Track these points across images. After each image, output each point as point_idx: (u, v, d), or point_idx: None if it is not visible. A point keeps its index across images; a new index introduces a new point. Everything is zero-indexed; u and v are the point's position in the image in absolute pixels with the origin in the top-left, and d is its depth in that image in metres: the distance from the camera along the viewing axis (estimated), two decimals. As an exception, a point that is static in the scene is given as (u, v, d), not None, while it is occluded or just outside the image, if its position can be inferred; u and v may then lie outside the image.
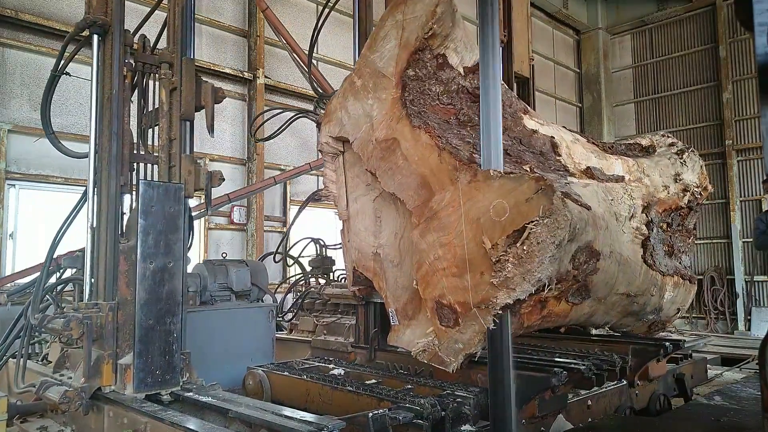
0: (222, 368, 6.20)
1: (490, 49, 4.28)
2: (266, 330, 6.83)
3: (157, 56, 5.12)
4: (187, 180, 4.96)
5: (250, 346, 6.71)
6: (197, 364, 5.64)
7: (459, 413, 4.50)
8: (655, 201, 6.14)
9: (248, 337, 6.71)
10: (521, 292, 4.25)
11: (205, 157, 15.05)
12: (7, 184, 11.95)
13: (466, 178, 4.43)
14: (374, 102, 5.06)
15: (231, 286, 6.81)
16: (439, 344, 4.71)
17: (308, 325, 7.20)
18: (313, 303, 7.42)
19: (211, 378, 5.27)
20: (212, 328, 6.42)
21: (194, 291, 6.45)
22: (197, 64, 14.51)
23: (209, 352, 6.32)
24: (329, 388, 5.03)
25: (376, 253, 5.37)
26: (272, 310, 6.90)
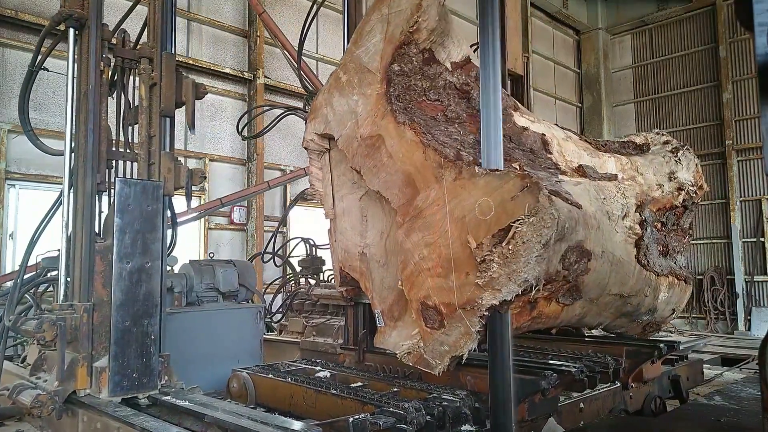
0: (208, 370, 6.04)
1: (491, 49, 4.21)
2: (254, 331, 6.66)
3: (137, 51, 4.94)
4: (167, 178, 4.80)
5: (238, 347, 6.54)
6: (182, 367, 5.49)
7: (459, 413, 4.43)
8: (648, 200, 5.98)
9: (235, 338, 6.54)
10: (507, 292, 4.10)
11: (206, 157, 14.96)
12: (7, 184, 11.85)
13: (451, 175, 4.28)
14: (359, 98, 4.91)
15: (218, 286, 6.64)
16: (424, 346, 4.55)
17: (297, 327, 7.04)
18: (303, 304, 7.25)
19: (198, 380, 5.12)
20: (198, 329, 6.26)
21: (179, 291, 6.29)
22: (198, 63, 14.70)
23: (195, 353, 6.16)
24: (313, 391, 4.87)
25: (363, 253, 5.21)
26: (260, 311, 6.74)
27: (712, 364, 13.07)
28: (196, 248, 14.86)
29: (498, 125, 4.20)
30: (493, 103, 4.17)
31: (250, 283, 6.99)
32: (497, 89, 4.22)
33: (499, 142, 4.21)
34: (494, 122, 4.17)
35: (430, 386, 4.92)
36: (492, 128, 4.17)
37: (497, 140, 4.19)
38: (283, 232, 15.79)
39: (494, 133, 4.18)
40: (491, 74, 4.19)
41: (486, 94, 4.19)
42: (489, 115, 4.17)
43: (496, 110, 4.18)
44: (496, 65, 4.21)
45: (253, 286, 7.04)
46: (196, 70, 14.92)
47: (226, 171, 15.67)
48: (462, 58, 5.23)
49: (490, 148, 4.18)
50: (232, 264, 6.89)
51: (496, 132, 4.19)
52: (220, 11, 15.78)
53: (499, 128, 4.22)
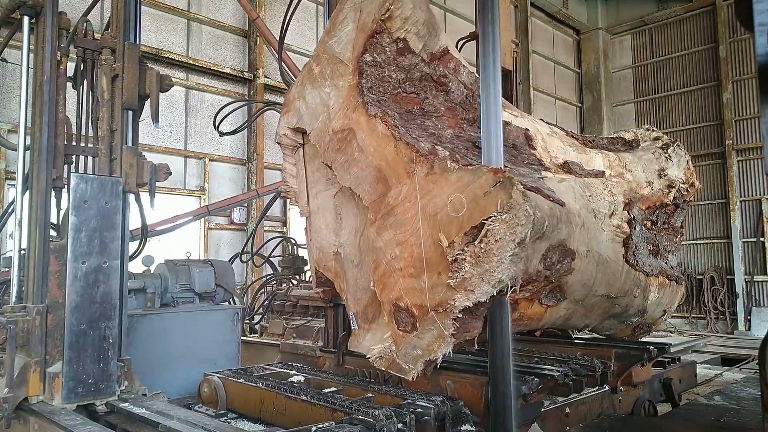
0: (183, 374, 5.77)
1: (491, 49, 4.08)
2: (231, 333, 6.39)
3: (99, 42, 4.67)
4: (129, 174, 4.54)
5: (214, 350, 6.26)
6: (155, 370, 5.26)
7: (459, 413, 4.26)
8: (637, 197, 5.70)
9: (212, 341, 6.27)
10: (480, 294, 3.82)
11: (206, 157, 14.80)
12: (7, 184, 11.64)
13: (422, 170, 4.01)
14: (331, 90, 4.64)
15: (194, 287, 6.37)
16: (396, 350, 4.29)
17: (278, 329, 6.76)
18: (283, 305, 6.98)
19: (172, 385, 4.90)
20: (172, 331, 5.99)
21: (152, 292, 6.02)
22: (198, 63, 14.46)
23: (169, 356, 5.91)
24: (283, 397, 4.61)
25: (337, 253, 4.94)
26: (237, 313, 6.46)
27: (712, 364, 12.91)
28: (197, 248, 14.65)
29: (498, 125, 4.05)
30: (493, 102, 4.04)
31: (229, 283, 6.71)
32: (497, 89, 4.09)
33: (499, 142, 4.05)
34: (494, 122, 4.02)
35: (406, 392, 4.65)
36: (492, 128, 4.02)
37: (497, 140, 4.03)
38: (283, 233, 15.57)
39: (494, 133, 4.02)
40: (491, 74, 4.07)
41: (486, 94, 4.06)
42: (489, 115, 4.03)
43: (496, 110, 4.04)
44: (496, 65, 4.09)
45: (231, 287, 6.76)
46: (196, 69, 14.77)
47: (226, 171, 15.48)
48: (440, 49, 4.95)
49: (490, 149, 4.01)
50: (209, 264, 6.62)
51: (496, 132, 4.03)
52: (220, 11, 15.58)
53: (499, 128, 4.07)
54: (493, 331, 4.00)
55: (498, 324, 4.00)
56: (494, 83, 4.06)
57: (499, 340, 3.98)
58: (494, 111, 4.02)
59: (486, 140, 4.01)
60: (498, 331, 4.00)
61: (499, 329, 4.00)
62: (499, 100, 4.10)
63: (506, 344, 3.98)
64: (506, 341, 3.98)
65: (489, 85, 4.05)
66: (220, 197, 14.39)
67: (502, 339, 3.98)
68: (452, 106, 4.94)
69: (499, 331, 3.99)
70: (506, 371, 3.98)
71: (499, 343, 3.98)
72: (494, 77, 4.07)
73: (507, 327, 4.01)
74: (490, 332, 4.02)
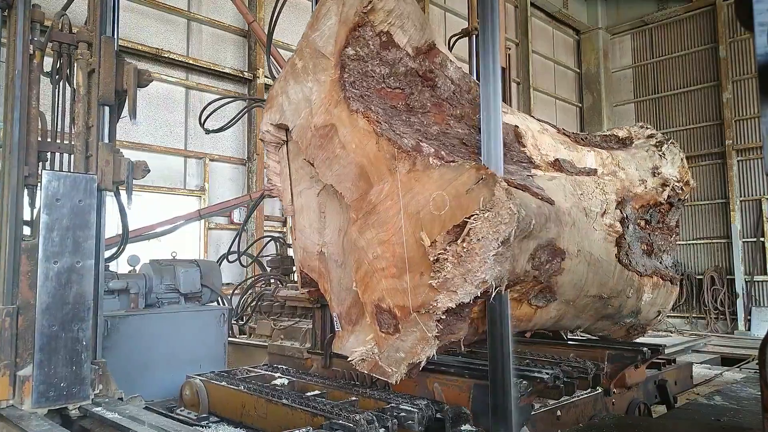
0: (166, 376, 5.61)
1: (491, 49, 4.07)
2: (217, 335, 6.23)
3: (75, 36, 4.50)
4: (105, 171, 4.38)
5: (199, 352, 6.10)
6: (138, 373, 5.11)
7: (459, 413, 4.19)
8: (630, 196, 5.54)
9: (197, 342, 6.11)
10: (464, 294, 3.67)
11: (206, 157, 14.65)
12: (8, 184, 11.43)
13: (405, 167, 3.86)
14: (313, 85, 4.48)
15: (178, 287, 6.20)
16: (379, 353, 4.12)
17: (266, 330, 6.60)
18: (271, 306, 6.81)
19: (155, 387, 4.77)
20: (156, 332, 5.83)
21: (136, 293, 5.85)
22: (198, 63, 14.30)
23: (152, 358, 5.75)
24: (264, 400, 4.46)
25: (321, 252, 4.78)
26: (224, 314, 6.30)
27: (712, 364, 13.14)
28: (196, 248, 14.51)
29: (498, 125, 4.02)
30: (493, 103, 4.03)
31: (215, 283, 6.54)
32: (497, 89, 4.06)
33: (499, 142, 4.01)
34: (494, 122, 4.01)
35: (391, 395, 4.49)
36: (492, 128, 4.00)
37: (497, 141, 4.01)
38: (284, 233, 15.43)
39: (494, 134, 4.00)
40: (491, 74, 4.05)
41: (486, 94, 4.05)
42: (489, 115, 4.01)
43: (496, 110, 4.03)
44: (496, 65, 4.07)
45: (218, 287, 6.60)
46: (196, 69, 14.63)
47: (226, 171, 15.33)
48: (426, 44, 4.79)
49: (490, 149, 3.99)
50: (194, 264, 6.45)
51: (496, 132, 4.01)
52: (220, 11, 15.43)
53: (499, 128, 4.04)
54: (494, 331, 3.94)
55: (498, 324, 3.93)
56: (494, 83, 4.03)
57: (499, 340, 3.91)
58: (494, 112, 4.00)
59: (486, 141, 3.97)
60: (498, 332, 3.93)
61: (499, 329, 3.93)
62: (499, 100, 4.06)
63: (506, 344, 3.91)
64: (506, 341, 3.91)
65: (489, 85, 4.03)
66: (220, 197, 14.28)
67: (503, 339, 3.91)
68: (439, 102, 4.78)
69: (499, 331, 3.92)
70: (506, 371, 3.92)
71: (500, 343, 3.91)
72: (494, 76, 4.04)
73: (507, 327, 3.93)
74: (490, 332, 3.95)
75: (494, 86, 4.01)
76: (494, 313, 3.95)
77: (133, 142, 12.90)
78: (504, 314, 3.94)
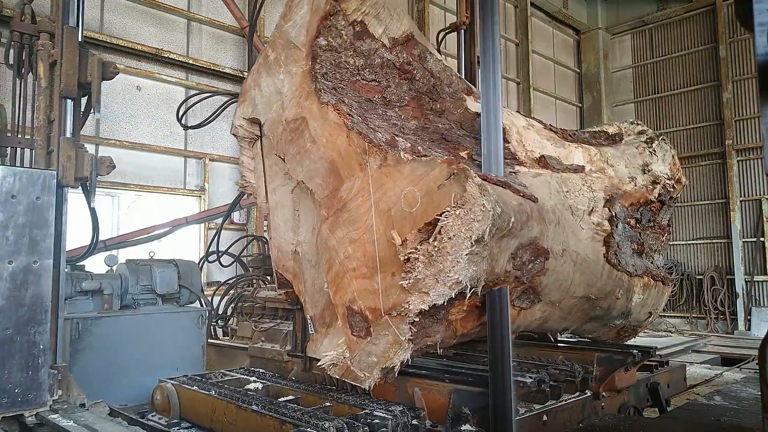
0: (141, 380, 5.36)
1: (491, 49, 3.99)
2: (195, 337, 5.99)
3: (37, 26, 4.28)
4: (66, 166, 4.15)
5: (177, 354, 5.87)
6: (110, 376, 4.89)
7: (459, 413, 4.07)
8: (619, 194, 5.31)
9: (174, 344, 5.87)
10: (436, 296, 3.45)
11: (205, 157, 14.42)
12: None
13: (375, 162, 3.64)
14: (285, 77, 4.26)
15: (155, 288, 5.97)
16: (350, 357, 3.90)
17: (247, 331, 6.37)
18: (253, 307, 6.59)
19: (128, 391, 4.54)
20: (131, 334, 5.60)
21: (110, 293, 5.62)
22: (197, 63, 14.10)
23: (126, 361, 5.53)
24: (234, 406, 4.24)
25: (296, 252, 4.56)
26: (202, 315, 6.07)
27: (712, 364, 12.96)
28: (196, 248, 14.30)
29: (498, 125, 3.96)
30: (493, 103, 3.97)
31: (194, 284, 6.31)
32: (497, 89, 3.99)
33: (499, 142, 3.94)
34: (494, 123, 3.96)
35: (366, 401, 4.27)
36: (492, 128, 3.94)
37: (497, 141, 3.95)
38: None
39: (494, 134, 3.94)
40: (491, 73, 3.96)
41: (486, 94, 3.98)
42: (489, 114, 3.96)
43: (496, 110, 3.96)
44: (496, 64, 3.99)
45: (197, 288, 6.36)
46: (196, 69, 14.43)
47: (226, 171, 15.09)
48: (403, 35, 4.56)
49: (490, 149, 3.95)
50: (172, 264, 6.21)
51: (496, 132, 3.95)
52: (220, 11, 15.22)
53: (499, 128, 3.97)
54: (493, 331, 3.88)
55: (498, 324, 3.88)
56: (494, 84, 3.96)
57: (499, 340, 3.86)
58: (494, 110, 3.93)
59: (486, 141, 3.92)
60: (498, 332, 3.87)
61: (499, 329, 3.87)
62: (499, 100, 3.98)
63: (506, 344, 3.85)
64: (506, 341, 3.85)
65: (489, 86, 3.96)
66: (220, 197, 14.08)
67: (503, 339, 3.85)
68: (418, 96, 4.56)
69: (498, 331, 3.87)
70: (506, 372, 3.85)
71: (499, 344, 3.86)
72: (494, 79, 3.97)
73: (507, 327, 3.88)
74: (490, 332, 3.89)
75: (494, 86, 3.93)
76: (494, 313, 3.88)
77: (133, 142, 12.71)
78: (504, 315, 3.88)
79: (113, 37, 12.42)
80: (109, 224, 12.48)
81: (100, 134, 12.32)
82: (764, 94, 2.33)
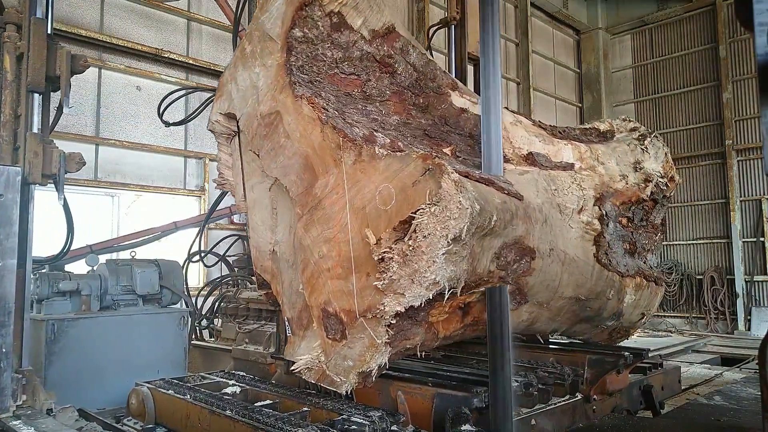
0: (120, 383, 5.17)
1: (491, 49, 3.92)
2: (176, 338, 5.80)
3: (3, 17, 4.10)
4: (33, 163, 3.98)
5: (158, 356, 5.68)
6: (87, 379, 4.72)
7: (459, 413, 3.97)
8: (610, 192, 5.13)
9: (155, 346, 5.69)
10: (413, 297, 3.27)
11: (206, 157, 14.30)
12: None
13: (350, 157, 3.46)
14: (261, 70, 4.09)
15: (135, 288, 5.78)
16: (326, 361, 3.71)
17: (231, 333, 6.19)
18: (237, 308, 6.40)
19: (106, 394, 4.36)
20: (110, 336, 5.42)
21: (88, 294, 5.44)
22: (197, 63, 13.93)
23: (104, 364, 5.35)
24: (207, 411, 4.05)
25: (273, 251, 4.37)
26: (184, 316, 5.88)
27: (712, 364, 12.97)
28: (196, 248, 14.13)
29: (498, 125, 3.87)
30: (492, 103, 3.90)
31: (176, 284, 6.12)
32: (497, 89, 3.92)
33: (499, 142, 3.85)
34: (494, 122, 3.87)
35: (344, 406, 4.08)
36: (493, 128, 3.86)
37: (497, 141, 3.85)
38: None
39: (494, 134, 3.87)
40: (491, 73, 3.91)
41: (486, 94, 3.92)
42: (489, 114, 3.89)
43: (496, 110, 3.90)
44: (496, 63, 3.93)
45: (179, 288, 6.17)
46: (196, 69, 14.32)
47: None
48: (384, 27, 4.37)
49: (490, 149, 3.88)
50: (153, 264, 6.02)
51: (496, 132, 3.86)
52: (220, 11, 15.01)
53: (499, 128, 3.87)
54: (494, 331, 3.76)
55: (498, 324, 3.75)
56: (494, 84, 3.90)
57: (499, 340, 3.74)
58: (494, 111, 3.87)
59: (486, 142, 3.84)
60: (498, 332, 3.75)
61: (499, 329, 3.75)
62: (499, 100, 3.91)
63: (506, 344, 3.74)
64: (506, 341, 3.74)
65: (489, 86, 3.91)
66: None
67: (503, 339, 3.74)
68: (400, 91, 4.38)
69: (499, 331, 3.74)
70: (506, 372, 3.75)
71: (500, 344, 3.74)
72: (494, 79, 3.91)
73: (507, 327, 3.76)
74: (490, 332, 3.77)
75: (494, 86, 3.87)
76: (494, 313, 3.77)
77: (133, 142, 12.58)
78: (504, 313, 3.75)
79: (113, 37, 12.29)
80: (109, 224, 12.37)
81: (100, 134, 12.18)
82: (764, 94, 2.29)
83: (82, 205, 11.90)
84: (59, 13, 11.74)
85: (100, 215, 12.25)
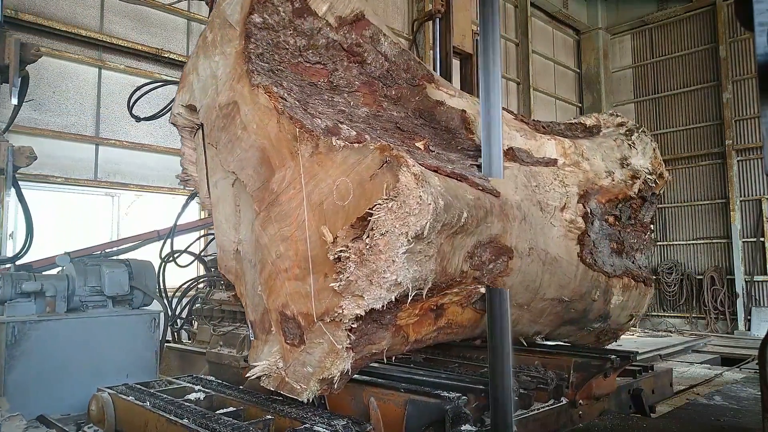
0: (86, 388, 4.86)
1: (491, 48, 3.87)
2: (147, 341, 5.52)
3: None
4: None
5: (127, 360, 5.40)
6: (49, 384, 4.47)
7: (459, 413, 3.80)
8: (595, 189, 4.85)
9: (124, 349, 5.40)
10: (372, 299, 3.00)
11: (205, 158, 13.95)
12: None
13: (307, 150, 3.18)
14: (220, 58, 3.83)
15: (104, 289, 5.50)
16: (284, 367, 3.44)
17: (206, 335, 5.91)
18: (212, 309, 6.12)
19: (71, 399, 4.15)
20: (76, 339, 5.14)
21: (53, 296, 5.16)
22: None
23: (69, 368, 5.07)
24: (165, 420, 3.78)
25: (237, 251, 4.10)
26: (155, 318, 5.61)
27: (712, 364, 12.88)
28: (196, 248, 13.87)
29: (498, 125, 3.81)
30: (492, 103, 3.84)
31: (148, 285, 5.84)
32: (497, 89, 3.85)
33: (499, 142, 3.79)
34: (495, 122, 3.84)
35: (309, 413, 3.79)
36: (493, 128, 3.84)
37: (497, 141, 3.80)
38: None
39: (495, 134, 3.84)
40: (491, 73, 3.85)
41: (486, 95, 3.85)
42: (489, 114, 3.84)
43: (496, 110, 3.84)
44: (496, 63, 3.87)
45: (151, 289, 5.89)
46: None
47: (223, 171, 14.69)
48: (352, 14, 4.10)
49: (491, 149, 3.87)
50: (123, 264, 5.74)
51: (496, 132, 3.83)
52: (219, 11, 14.85)
53: (499, 128, 3.81)
54: (493, 331, 3.69)
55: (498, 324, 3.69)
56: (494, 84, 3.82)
57: (499, 341, 3.67)
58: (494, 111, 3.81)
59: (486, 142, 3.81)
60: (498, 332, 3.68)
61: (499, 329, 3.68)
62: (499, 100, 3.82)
63: (506, 345, 3.66)
64: (506, 341, 3.66)
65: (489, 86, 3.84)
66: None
67: (503, 339, 3.66)
68: (370, 81, 4.11)
69: (498, 331, 3.68)
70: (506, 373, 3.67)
71: (500, 344, 3.67)
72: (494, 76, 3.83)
73: (507, 327, 3.68)
74: (490, 332, 3.70)
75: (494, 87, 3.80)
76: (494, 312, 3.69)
77: (133, 142, 12.33)
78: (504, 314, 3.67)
79: (113, 37, 12.05)
80: (109, 224, 12.15)
81: (100, 134, 11.96)
82: (764, 94, 2.31)
83: (82, 206, 11.71)
84: (59, 13, 11.55)
85: (100, 215, 12.06)
